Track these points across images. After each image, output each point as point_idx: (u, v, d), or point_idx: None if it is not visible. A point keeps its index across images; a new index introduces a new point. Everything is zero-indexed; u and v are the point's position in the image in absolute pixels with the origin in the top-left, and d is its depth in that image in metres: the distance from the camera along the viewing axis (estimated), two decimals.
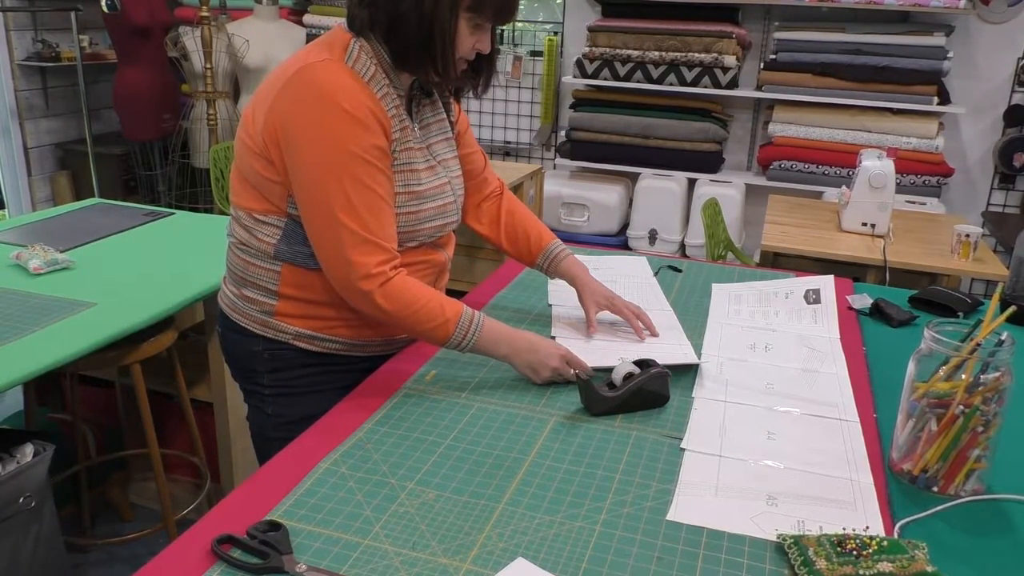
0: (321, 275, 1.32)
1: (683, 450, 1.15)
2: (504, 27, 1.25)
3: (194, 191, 4.38)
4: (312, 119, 1.20)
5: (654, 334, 1.49)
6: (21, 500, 1.64)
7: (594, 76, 4.29)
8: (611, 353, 1.41)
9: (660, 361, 1.29)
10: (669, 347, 1.45)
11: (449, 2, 1.21)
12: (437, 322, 1.28)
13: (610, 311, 1.52)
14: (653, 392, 1.26)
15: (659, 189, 4.31)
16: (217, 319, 1.48)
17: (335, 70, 1.22)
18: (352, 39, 1.27)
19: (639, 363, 1.27)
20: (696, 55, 4.11)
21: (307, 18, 4.63)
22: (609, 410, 1.23)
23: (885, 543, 0.91)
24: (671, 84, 4.17)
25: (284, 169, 1.25)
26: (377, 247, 1.25)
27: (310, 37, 4.55)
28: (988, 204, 4.19)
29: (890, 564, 0.88)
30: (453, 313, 1.29)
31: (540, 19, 4.73)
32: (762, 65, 4.15)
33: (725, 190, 4.18)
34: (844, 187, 3.13)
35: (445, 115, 1.46)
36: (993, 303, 1.11)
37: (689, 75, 4.13)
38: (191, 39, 4.12)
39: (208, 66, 3.91)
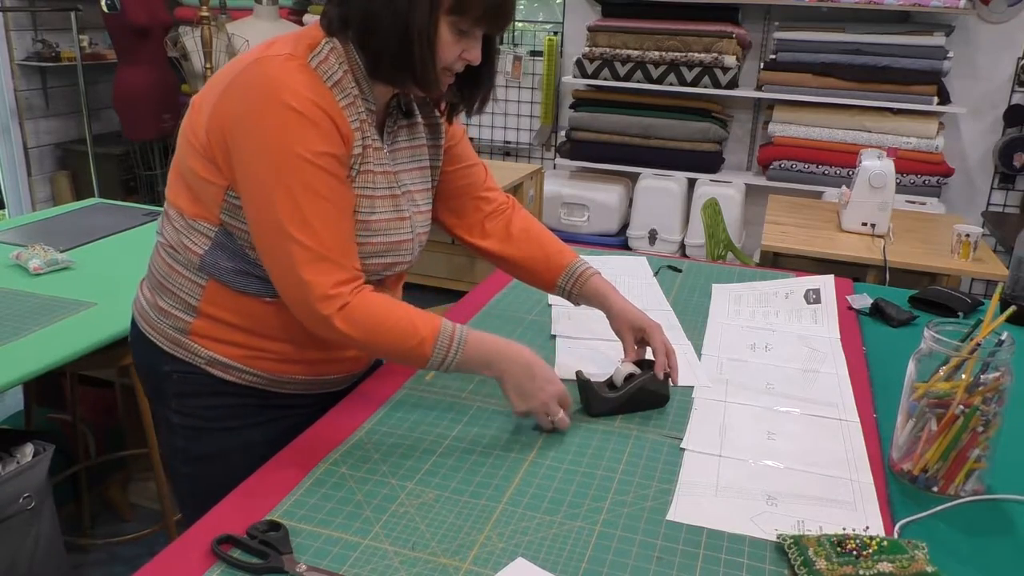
0: (248, 299, 1.17)
1: (683, 450, 1.15)
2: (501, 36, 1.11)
3: None
4: (258, 119, 1.05)
5: (675, 382, 1.29)
6: (21, 500, 1.64)
7: (594, 76, 4.29)
8: (612, 356, 1.41)
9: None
10: (679, 362, 1.37)
11: (428, 4, 1.06)
12: (411, 343, 1.11)
13: (643, 342, 1.33)
14: (653, 392, 1.26)
15: (659, 189, 4.31)
16: (130, 327, 1.32)
17: (291, 68, 1.06)
18: (324, 39, 1.11)
19: (639, 363, 1.27)
20: (696, 55, 4.11)
21: (307, 18, 4.64)
22: (609, 410, 1.23)
23: (885, 543, 0.91)
24: (671, 84, 4.17)
25: (226, 172, 1.10)
26: (334, 265, 1.09)
27: None
28: (988, 204, 4.19)
29: (890, 564, 0.88)
30: (429, 331, 1.12)
31: (540, 19, 4.73)
32: (762, 65, 4.16)
33: (725, 190, 4.18)
34: (844, 187, 3.13)
35: (425, 142, 1.29)
36: (993, 303, 1.11)
37: (689, 75, 4.13)
38: (191, 39, 4.11)
39: (208, 66, 3.91)
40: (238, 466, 1.08)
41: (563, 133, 4.62)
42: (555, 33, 4.63)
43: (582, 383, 1.24)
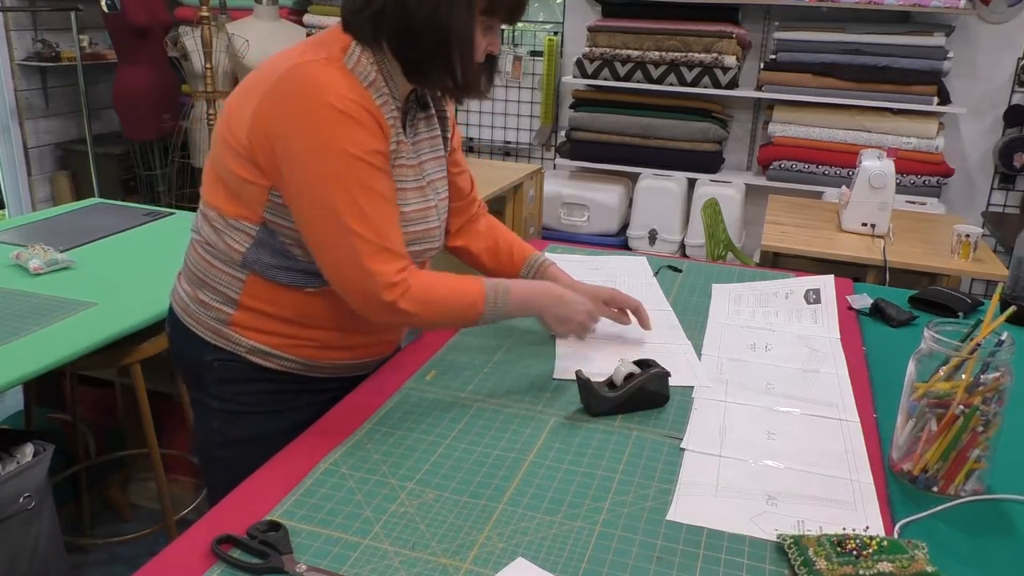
0: (287, 291, 1.24)
1: (683, 450, 1.15)
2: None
3: (194, 191, 4.37)
4: (307, 123, 1.11)
5: (646, 327, 1.48)
6: (21, 500, 1.64)
7: (594, 76, 4.29)
8: (612, 356, 1.40)
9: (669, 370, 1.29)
10: (678, 362, 1.41)
11: (465, 8, 1.13)
12: (464, 306, 1.25)
13: (613, 304, 1.48)
14: (653, 392, 1.26)
15: (659, 189, 4.31)
16: (167, 318, 1.38)
17: (331, 71, 1.12)
18: (352, 41, 1.17)
19: (639, 363, 1.27)
20: (696, 55, 4.11)
21: (307, 18, 4.63)
22: (609, 410, 1.23)
23: (885, 543, 0.91)
24: (671, 84, 4.17)
25: (270, 174, 1.16)
26: (393, 255, 1.17)
27: (310, 37, 4.55)
28: (988, 204, 4.19)
29: (890, 564, 0.88)
30: (478, 293, 1.26)
31: (540, 19, 4.73)
32: (762, 65, 4.15)
33: (725, 190, 4.18)
34: (844, 187, 3.13)
35: (440, 132, 1.37)
36: (993, 303, 1.11)
37: (689, 75, 4.13)
38: (191, 39, 4.11)
39: (208, 66, 3.91)
40: (274, 449, 1.12)
41: (563, 133, 4.62)
42: (555, 33, 4.63)
43: (582, 383, 1.24)
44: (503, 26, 1.24)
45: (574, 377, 1.27)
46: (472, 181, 1.52)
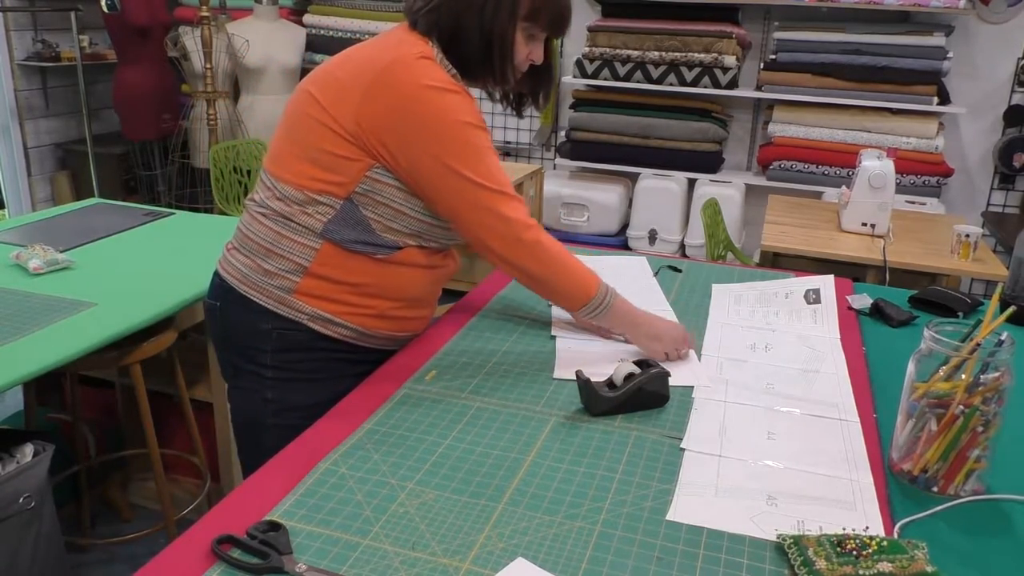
0: (360, 259, 1.33)
1: (683, 450, 1.15)
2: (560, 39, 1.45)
3: (194, 191, 4.38)
4: (422, 110, 1.24)
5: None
6: (21, 500, 1.64)
7: (594, 76, 4.29)
8: (612, 356, 1.41)
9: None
10: (678, 361, 1.42)
11: (508, 13, 1.28)
12: (583, 278, 1.37)
13: None
14: (653, 392, 1.26)
15: (659, 189, 4.31)
16: (213, 293, 1.43)
17: (428, 63, 1.27)
18: (426, 40, 1.31)
19: (639, 363, 1.27)
20: (696, 55, 4.11)
21: (307, 18, 4.63)
22: (609, 410, 1.23)
23: (885, 543, 0.91)
24: (671, 84, 4.17)
25: (377, 156, 1.27)
26: (517, 200, 1.31)
27: (310, 37, 4.56)
28: (988, 204, 4.19)
29: (890, 564, 0.88)
30: (595, 280, 1.38)
31: None
32: (762, 65, 4.15)
33: (725, 190, 4.18)
34: (844, 187, 3.13)
35: None
36: (993, 303, 1.11)
37: (689, 75, 4.13)
38: (191, 39, 4.12)
39: (208, 66, 3.91)
40: (318, 416, 1.20)
41: (563, 133, 4.62)
42: None
43: (582, 383, 1.24)
44: (550, 36, 1.37)
45: (574, 377, 1.27)
46: None
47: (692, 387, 1.33)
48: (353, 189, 1.30)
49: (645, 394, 1.25)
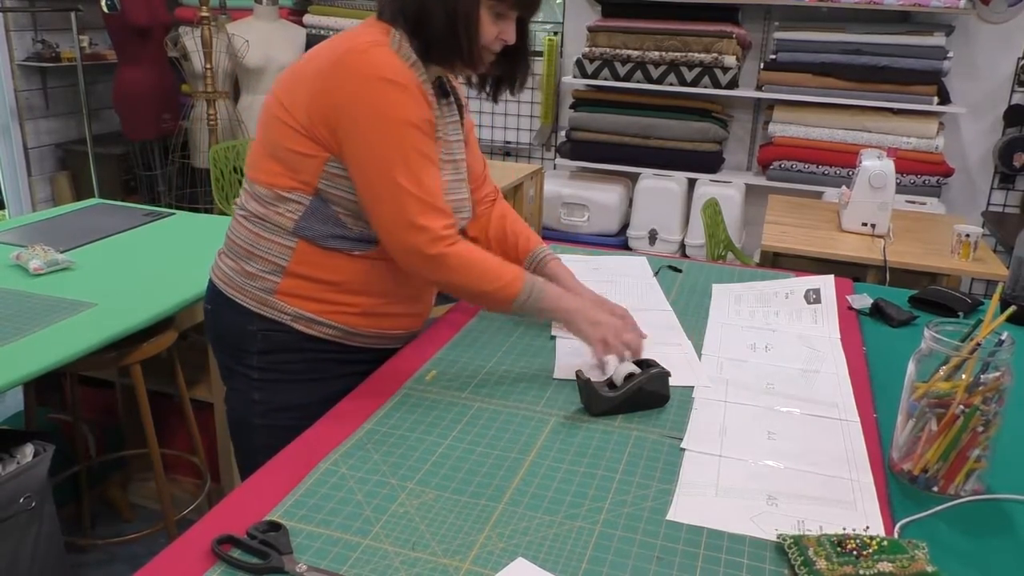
0: (335, 256, 1.33)
1: (683, 450, 1.15)
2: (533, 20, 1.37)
3: (194, 191, 4.37)
4: (369, 97, 1.22)
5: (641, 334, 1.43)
6: (21, 500, 1.64)
7: (594, 76, 4.29)
8: (614, 359, 1.40)
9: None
10: (678, 361, 1.41)
11: None
12: (503, 282, 1.31)
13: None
14: (653, 392, 1.26)
15: (659, 189, 4.31)
16: (207, 296, 1.45)
17: (383, 51, 1.25)
18: (391, 28, 1.29)
19: (639, 363, 1.27)
20: (696, 55, 4.11)
21: (307, 18, 4.63)
22: (609, 410, 1.23)
23: (885, 543, 0.91)
24: (671, 84, 4.17)
25: (327, 145, 1.26)
26: (440, 211, 1.28)
27: (310, 37, 4.56)
28: (988, 204, 4.19)
29: (890, 564, 0.88)
30: (517, 276, 1.33)
31: (540, 19, 4.72)
32: (762, 65, 4.15)
33: (725, 190, 4.18)
34: (844, 187, 3.13)
35: (458, 118, 1.47)
36: (993, 303, 1.11)
37: (689, 75, 4.13)
38: (191, 39, 4.11)
39: (208, 66, 3.91)
40: (311, 415, 1.20)
41: (563, 133, 4.62)
42: (555, 33, 4.63)
43: (582, 383, 1.24)
44: (520, 16, 1.33)
45: (574, 377, 1.27)
46: (485, 165, 1.61)
47: (692, 387, 1.33)
48: (317, 185, 1.30)
49: (645, 394, 1.25)
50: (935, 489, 1.06)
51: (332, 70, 1.25)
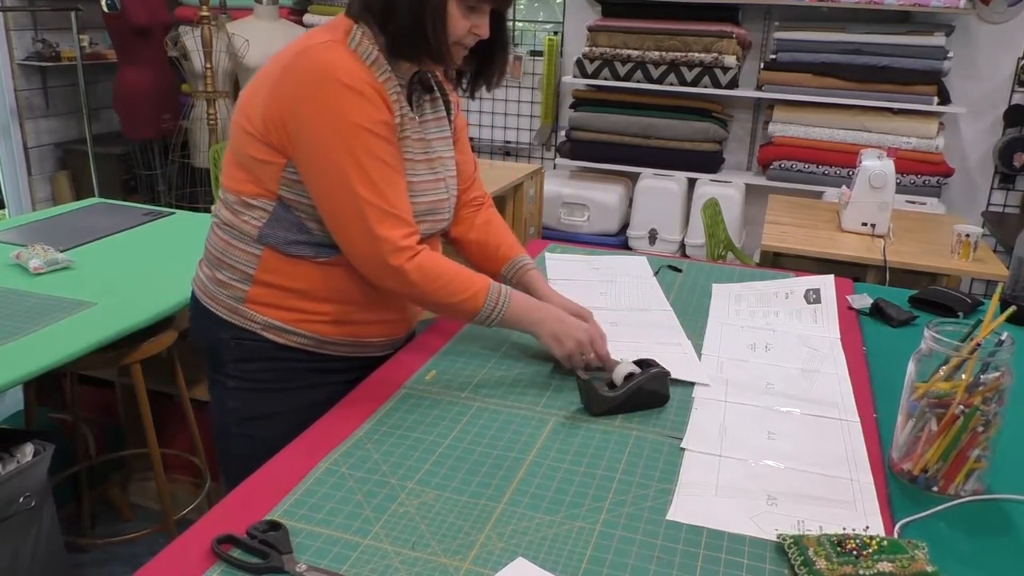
0: (299, 263, 1.29)
1: (683, 450, 1.15)
2: (509, 16, 1.26)
3: (194, 191, 4.37)
4: (318, 100, 1.18)
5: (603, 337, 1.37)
6: (21, 500, 1.64)
7: (594, 76, 4.29)
8: (612, 354, 1.40)
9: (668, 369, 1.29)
10: (678, 360, 1.42)
11: None
12: (467, 294, 1.27)
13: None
14: (653, 392, 1.26)
15: (659, 189, 4.31)
16: (190, 303, 1.45)
17: (336, 50, 1.20)
18: (354, 25, 1.25)
19: (639, 363, 1.27)
20: (696, 55, 4.11)
21: (307, 18, 4.64)
22: (609, 410, 1.23)
23: (885, 543, 0.91)
24: (671, 84, 4.17)
25: (285, 151, 1.23)
26: (400, 220, 1.23)
27: None
28: (988, 204, 4.19)
29: (890, 564, 0.88)
30: (481, 287, 1.29)
31: (540, 19, 4.72)
32: (762, 65, 4.15)
33: (725, 190, 4.18)
34: (844, 187, 3.13)
35: (445, 114, 1.43)
36: (993, 303, 1.11)
37: (689, 75, 4.13)
38: (191, 39, 4.11)
39: (208, 66, 3.91)
40: (285, 425, 1.19)
41: (563, 133, 4.62)
42: (555, 33, 4.63)
43: (582, 383, 1.24)
44: (494, 9, 1.26)
45: (574, 377, 1.27)
46: (475, 167, 1.56)
47: (692, 387, 1.33)
48: (278, 192, 1.26)
49: (645, 394, 1.25)
50: (935, 489, 1.06)
51: (284, 73, 1.21)
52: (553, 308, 1.35)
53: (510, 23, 1.35)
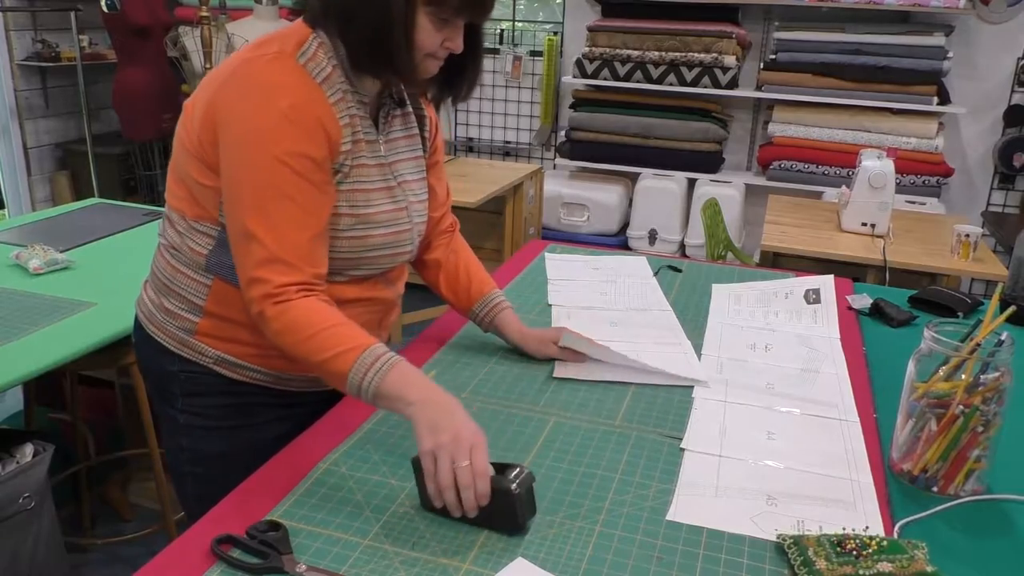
0: None
1: (683, 450, 1.15)
2: (488, 25, 1.11)
3: None
4: (245, 119, 1.06)
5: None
6: (21, 500, 1.64)
7: (594, 76, 4.29)
8: (615, 358, 1.38)
9: (665, 371, 1.30)
10: (677, 360, 1.41)
11: None
12: (335, 351, 1.04)
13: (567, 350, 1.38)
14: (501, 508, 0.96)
15: (659, 189, 4.31)
16: (133, 328, 1.32)
17: (281, 67, 1.08)
18: (311, 34, 1.11)
19: (497, 467, 0.98)
20: (696, 55, 4.11)
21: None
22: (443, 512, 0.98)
23: (885, 543, 0.91)
24: (671, 84, 4.18)
25: (217, 171, 1.11)
26: (287, 267, 1.07)
27: None
28: (988, 204, 4.19)
29: (890, 564, 0.88)
30: (354, 344, 1.05)
31: (540, 19, 4.73)
32: (762, 65, 4.16)
33: (725, 190, 4.18)
34: (844, 187, 3.13)
35: (418, 131, 1.30)
36: (993, 303, 1.11)
37: (689, 75, 4.13)
38: (191, 39, 4.11)
39: (208, 66, 3.90)
40: (244, 465, 1.08)
41: (563, 133, 4.62)
42: (555, 33, 4.63)
43: (416, 467, 1.00)
44: (467, 22, 1.12)
45: (574, 377, 1.27)
46: (448, 192, 1.44)
47: (692, 387, 1.33)
48: (219, 218, 1.14)
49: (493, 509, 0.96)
50: (935, 489, 1.06)
51: (224, 83, 1.09)
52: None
53: (509, 23, 1.25)
